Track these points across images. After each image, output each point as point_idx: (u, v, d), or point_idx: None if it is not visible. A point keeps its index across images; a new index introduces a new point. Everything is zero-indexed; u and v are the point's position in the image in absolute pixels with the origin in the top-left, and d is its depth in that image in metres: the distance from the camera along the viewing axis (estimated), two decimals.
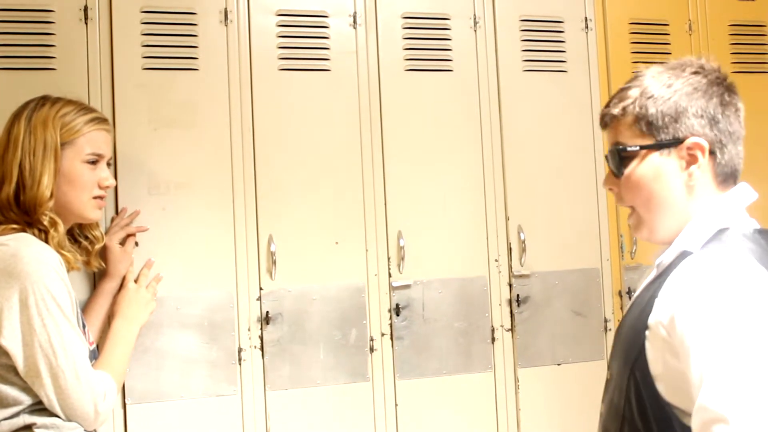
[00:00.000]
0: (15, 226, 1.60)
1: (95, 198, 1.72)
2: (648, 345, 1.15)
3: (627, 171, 1.25)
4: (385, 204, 2.24)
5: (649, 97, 1.24)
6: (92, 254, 1.86)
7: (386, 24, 2.28)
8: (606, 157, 1.31)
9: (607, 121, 1.31)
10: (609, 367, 1.31)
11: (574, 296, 2.38)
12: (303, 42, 2.21)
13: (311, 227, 2.16)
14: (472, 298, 2.29)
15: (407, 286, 2.23)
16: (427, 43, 2.32)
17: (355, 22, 2.25)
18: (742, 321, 1.02)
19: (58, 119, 1.66)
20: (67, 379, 1.51)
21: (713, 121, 1.23)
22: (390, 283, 2.22)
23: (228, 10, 2.13)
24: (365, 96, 2.24)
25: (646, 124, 1.23)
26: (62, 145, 1.65)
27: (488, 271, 2.32)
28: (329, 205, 2.19)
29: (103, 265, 1.91)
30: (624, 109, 1.26)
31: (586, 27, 2.48)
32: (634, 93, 1.26)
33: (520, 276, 2.34)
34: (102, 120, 1.75)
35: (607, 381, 1.31)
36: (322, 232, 2.17)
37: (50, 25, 1.98)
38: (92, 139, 1.70)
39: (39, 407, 1.53)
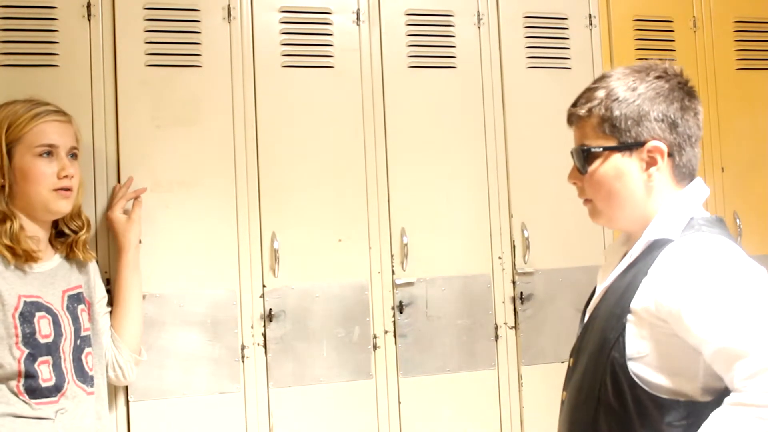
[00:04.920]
0: None
1: (58, 190, 1.74)
2: (629, 327, 1.24)
3: (591, 169, 1.34)
4: (389, 201, 2.23)
5: (614, 100, 1.31)
6: (79, 245, 1.84)
7: (389, 21, 2.27)
8: (571, 153, 1.39)
9: (573, 120, 1.39)
10: (573, 355, 1.41)
11: (577, 294, 2.36)
12: (306, 39, 2.20)
13: (314, 224, 2.16)
14: (476, 296, 2.29)
15: (410, 284, 2.23)
16: (431, 39, 2.31)
17: (358, 18, 2.25)
18: (741, 288, 1.16)
19: (5, 120, 1.72)
20: None
21: (673, 126, 1.30)
22: (393, 281, 2.22)
23: (231, 6, 2.12)
24: (368, 93, 2.24)
25: (610, 126, 1.31)
26: (11, 143, 1.71)
27: (492, 269, 2.31)
28: (332, 202, 2.18)
29: (94, 255, 1.91)
30: (590, 110, 1.33)
31: (590, 24, 2.47)
32: (600, 94, 1.33)
33: (524, 273, 2.33)
34: (52, 112, 1.77)
35: (570, 368, 1.41)
36: (325, 229, 2.17)
37: (53, 22, 1.98)
38: (40, 132, 1.73)
39: None
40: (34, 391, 1.65)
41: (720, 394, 1.18)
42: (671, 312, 1.20)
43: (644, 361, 1.23)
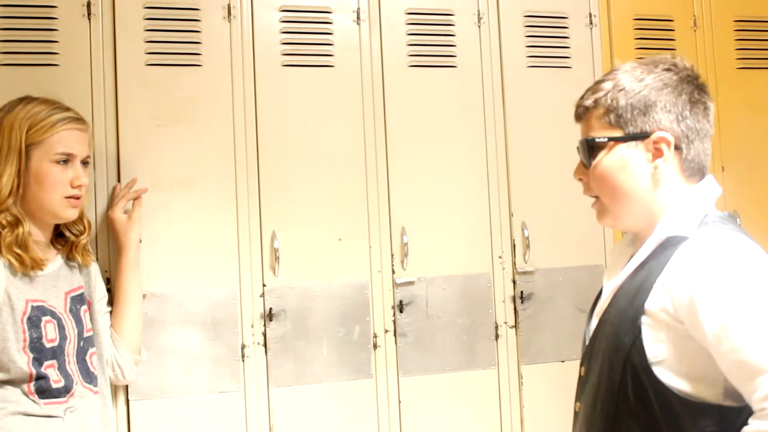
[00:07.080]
0: None
1: (68, 197, 1.74)
2: (645, 330, 1.18)
3: (595, 161, 1.29)
4: (389, 200, 2.23)
5: (621, 90, 1.28)
6: (78, 248, 1.84)
7: (390, 20, 2.27)
8: (577, 148, 1.35)
9: (580, 113, 1.35)
10: (584, 363, 1.33)
11: (578, 293, 2.37)
12: (306, 38, 2.20)
13: (314, 223, 2.16)
14: (476, 295, 2.29)
15: (411, 283, 2.23)
16: (431, 39, 2.31)
17: (358, 18, 2.25)
18: (761, 288, 1.10)
19: (25, 120, 1.69)
20: None
21: (681, 117, 1.27)
22: (393, 280, 2.22)
23: (231, 5, 2.12)
24: (369, 92, 2.23)
25: (615, 116, 1.28)
26: (30, 145, 1.69)
27: (492, 268, 2.31)
28: (332, 201, 2.18)
29: (93, 258, 1.91)
30: (596, 100, 1.30)
31: (591, 23, 2.47)
32: (607, 85, 1.30)
33: (524, 273, 2.33)
34: (73, 119, 1.76)
35: (581, 378, 1.33)
36: (325, 228, 2.17)
37: (53, 21, 1.98)
38: (62, 139, 1.72)
39: None
40: (44, 392, 1.65)
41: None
42: (688, 312, 1.14)
43: (663, 365, 1.17)
